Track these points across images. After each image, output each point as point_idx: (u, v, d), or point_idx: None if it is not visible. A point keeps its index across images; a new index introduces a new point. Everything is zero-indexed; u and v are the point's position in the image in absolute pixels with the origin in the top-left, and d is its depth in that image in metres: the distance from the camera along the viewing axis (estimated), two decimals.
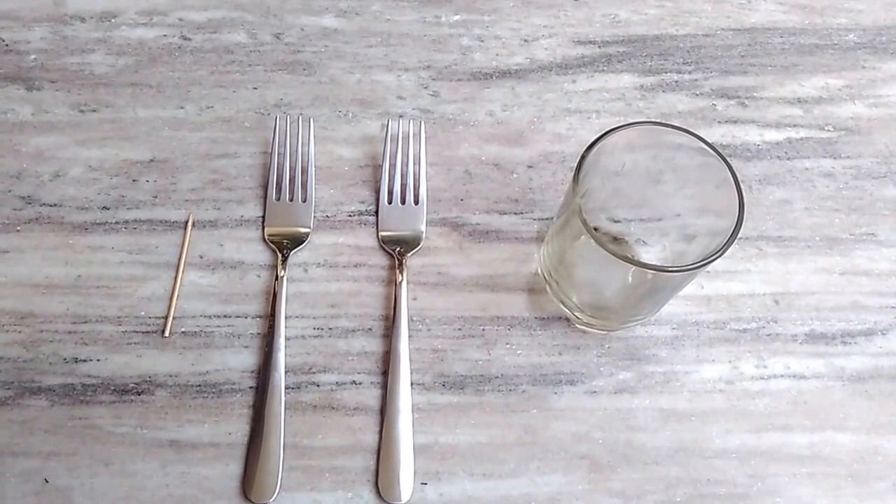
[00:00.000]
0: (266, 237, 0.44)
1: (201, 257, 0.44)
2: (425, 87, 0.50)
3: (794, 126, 0.50)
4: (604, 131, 0.37)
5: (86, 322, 0.42)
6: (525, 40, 0.52)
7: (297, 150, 0.46)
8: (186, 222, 0.45)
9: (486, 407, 0.41)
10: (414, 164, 0.46)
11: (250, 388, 0.41)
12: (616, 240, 0.44)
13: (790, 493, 0.40)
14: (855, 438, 0.41)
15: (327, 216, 0.46)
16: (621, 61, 0.52)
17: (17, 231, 0.44)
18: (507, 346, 0.43)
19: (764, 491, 0.40)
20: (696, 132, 0.37)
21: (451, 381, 0.42)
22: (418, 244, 0.45)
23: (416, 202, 0.46)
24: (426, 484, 0.39)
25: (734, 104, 0.50)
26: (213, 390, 0.41)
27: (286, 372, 0.41)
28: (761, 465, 0.41)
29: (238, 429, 0.40)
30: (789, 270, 0.46)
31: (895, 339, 0.44)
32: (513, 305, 0.44)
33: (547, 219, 0.46)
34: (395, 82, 0.50)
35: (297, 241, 0.44)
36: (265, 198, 0.46)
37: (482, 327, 0.43)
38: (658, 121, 0.43)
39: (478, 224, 0.46)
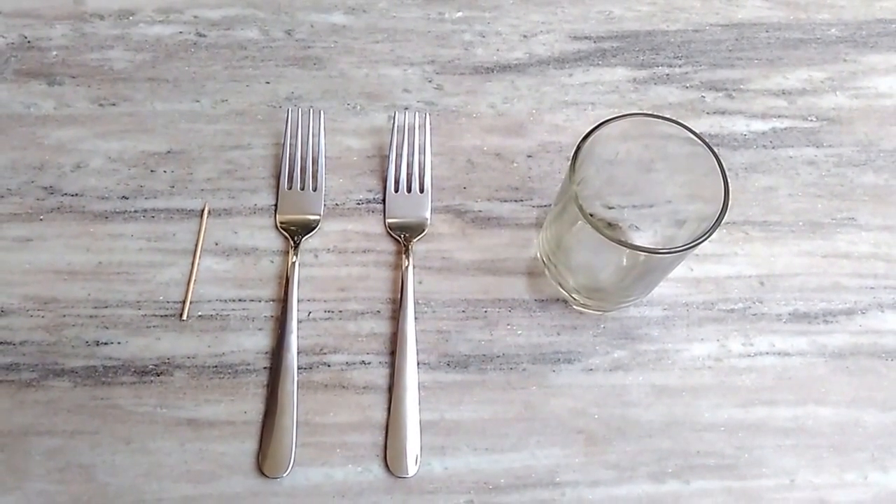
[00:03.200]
0: (278, 224, 0.42)
1: (217, 244, 0.42)
2: (430, 81, 0.47)
3: (779, 117, 0.48)
4: (598, 122, 0.36)
5: (107, 307, 0.40)
6: (524, 36, 0.50)
7: (307, 142, 0.44)
8: (202, 211, 0.43)
9: (488, 385, 0.39)
10: (419, 154, 0.44)
11: (264, 368, 0.39)
12: (610, 225, 0.42)
13: (775, 464, 0.39)
14: (836, 412, 0.40)
15: (337, 204, 0.43)
16: (615, 56, 0.49)
17: (41, 220, 0.42)
18: (508, 326, 0.41)
19: (750, 462, 0.39)
20: (685, 123, 0.36)
21: (456, 361, 0.40)
22: (423, 230, 0.43)
23: (422, 190, 0.44)
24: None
25: (722, 96, 0.48)
26: (229, 371, 0.39)
27: (298, 353, 0.39)
28: (748, 438, 0.39)
29: (253, 407, 0.38)
30: (774, 253, 0.44)
31: (874, 317, 0.42)
32: (513, 288, 0.42)
33: (545, 206, 0.44)
34: (400, 76, 0.47)
35: (308, 228, 0.42)
36: (277, 187, 0.43)
37: (484, 309, 0.41)
38: (650, 112, 0.42)
39: (480, 211, 0.44)
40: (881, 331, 0.42)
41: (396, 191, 0.44)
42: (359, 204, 0.44)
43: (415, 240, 0.42)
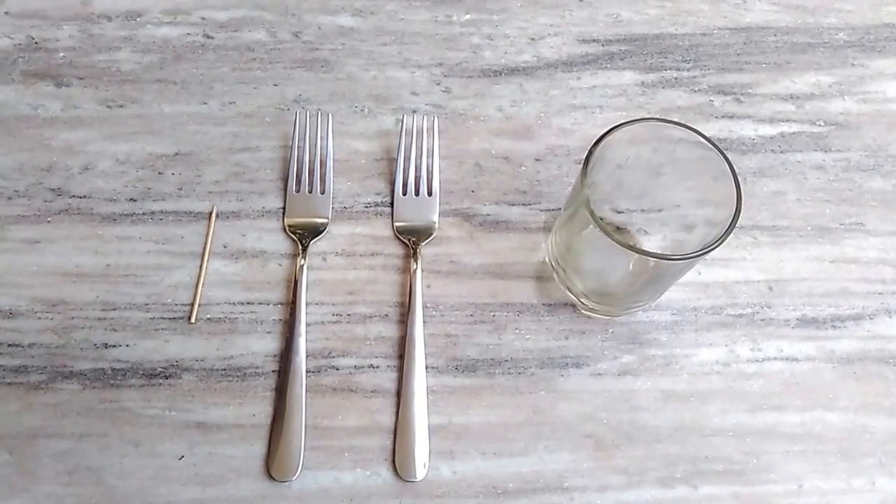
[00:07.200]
0: (286, 227, 0.42)
1: (225, 247, 0.42)
2: (438, 84, 0.48)
3: (787, 121, 0.48)
4: (608, 127, 0.36)
5: (115, 309, 0.40)
6: (532, 39, 0.50)
7: (315, 144, 0.44)
8: (210, 213, 0.43)
9: (496, 389, 0.40)
10: (427, 157, 0.44)
11: (273, 371, 0.39)
12: (619, 229, 0.43)
13: (783, 470, 0.39)
14: (844, 417, 0.40)
15: (345, 207, 0.44)
16: (623, 59, 0.49)
17: (48, 222, 0.42)
18: (517, 330, 0.41)
19: (758, 467, 0.39)
20: (694, 127, 0.36)
21: (464, 365, 0.40)
22: (431, 234, 0.43)
23: (430, 194, 0.44)
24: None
25: (730, 100, 0.48)
26: (238, 374, 0.39)
27: (307, 356, 0.39)
28: (756, 443, 0.39)
29: (261, 410, 0.38)
30: (782, 258, 0.44)
31: (882, 323, 0.42)
32: (521, 292, 0.42)
33: (554, 209, 0.44)
34: (408, 79, 0.48)
35: (316, 231, 0.42)
36: (285, 190, 0.43)
37: (493, 313, 0.41)
38: (659, 117, 0.42)
39: (488, 214, 0.44)
40: (889, 336, 0.42)
41: (404, 194, 0.44)
42: (367, 207, 0.44)
43: (423, 243, 0.42)
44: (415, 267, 0.41)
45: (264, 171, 0.44)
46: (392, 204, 0.44)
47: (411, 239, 0.42)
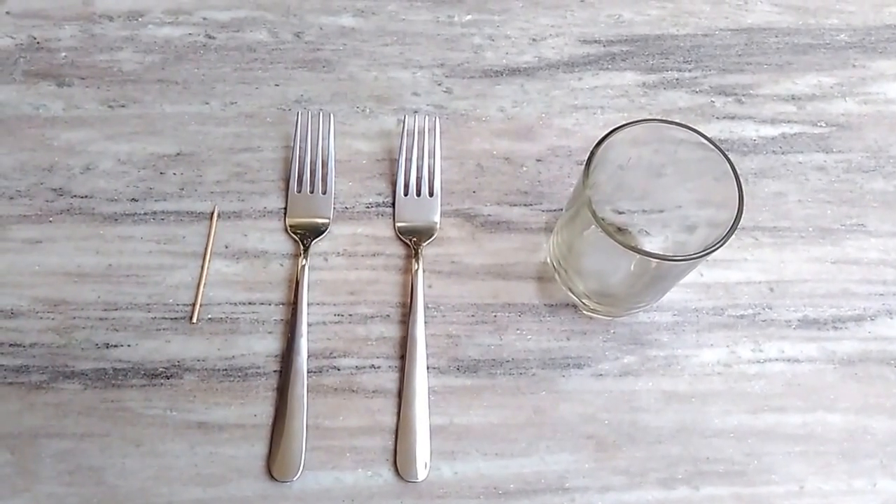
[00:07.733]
0: (288, 228, 0.43)
1: (226, 247, 0.42)
2: (439, 84, 0.48)
3: (789, 122, 0.48)
4: (610, 128, 0.36)
5: (116, 309, 0.40)
6: (533, 39, 0.50)
7: (317, 145, 0.44)
8: (212, 213, 0.43)
9: (497, 389, 0.40)
10: (428, 157, 0.44)
11: (274, 371, 0.39)
12: (620, 230, 0.43)
13: (784, 471, 0.39)
14: (845, 419, 0.40)
15: (346, 207, 0.44)
16: (625, 60, 0.49)
17: (50, 222, 0.42)
18: (518, 331, 0.41)
19: (760, 468, 0.39)
20: (695, 128, 0.36)
21: (465, 365, 0.40)
22: (433, 234, 0.43)
23: (431, 194, 0.44)
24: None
25: (732, 101, 0.48)
26: (239, 374, 0.39)
27: (308, 356, 0.39)
28: (757, 444, 0.39)
29: (263, 411, 0.38)
30: (784, 259, 0.44)
31: (883, 324, 0.43)
32: (523, 293, 0.42)
33: (555, 210, 0.44)
34: (410, 79, 0.48)
35: (318, 231, 0.42)
36: (287, 190, 0.44)
37: (494, 314, 0.41)
38: (661, 118, 0.42)
39: (489, 215, 0.44)
40: (890, 337, 0.42)
41: (406, 194, 0.44)
42: (368, 207, 0.44)
43: (424, 243, 0.43)
44: (416, 267, 0.41)
45: (266, 171, 0.44)
46: (393, 204, 0.44)
47: (413, 239, 0.43)
